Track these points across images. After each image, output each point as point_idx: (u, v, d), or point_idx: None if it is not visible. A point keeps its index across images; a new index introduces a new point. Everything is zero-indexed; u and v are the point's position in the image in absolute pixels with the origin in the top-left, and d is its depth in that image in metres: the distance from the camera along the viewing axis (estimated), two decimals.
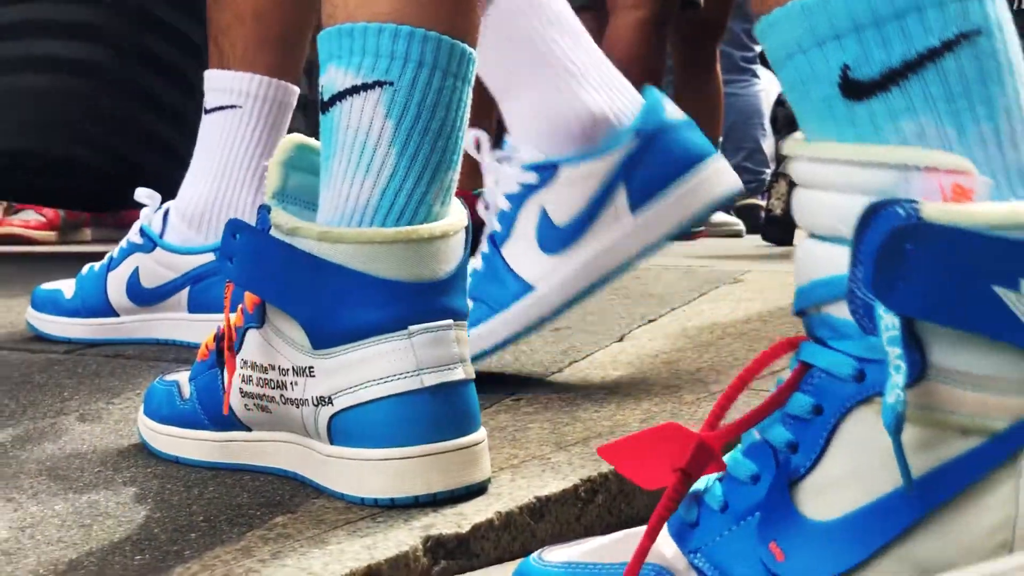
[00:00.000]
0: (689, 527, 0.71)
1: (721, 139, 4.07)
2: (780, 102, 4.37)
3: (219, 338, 1.05)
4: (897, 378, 0.61)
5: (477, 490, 0.97)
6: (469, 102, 0.98)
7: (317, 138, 1.01)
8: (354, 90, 0.95)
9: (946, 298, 0.61)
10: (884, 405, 0.62)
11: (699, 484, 0.72)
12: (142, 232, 1.55)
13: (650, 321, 1.56)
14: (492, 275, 1.32)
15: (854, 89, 0.65)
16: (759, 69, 4.68)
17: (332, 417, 0.96)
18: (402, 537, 0.90)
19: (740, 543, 0.68)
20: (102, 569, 0.86)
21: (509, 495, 0.98)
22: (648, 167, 1.26)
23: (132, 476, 1.05)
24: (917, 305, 0.62)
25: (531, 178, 1.28)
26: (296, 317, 0.96)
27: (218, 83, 1.57)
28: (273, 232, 0.96)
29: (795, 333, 1.44)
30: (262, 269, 0.97)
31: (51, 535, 0.93)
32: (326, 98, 0.96)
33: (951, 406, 0.63)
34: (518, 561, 0.95)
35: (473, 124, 1.21)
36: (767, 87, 5.57)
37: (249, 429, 1.03)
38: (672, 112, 1.29)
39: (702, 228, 3.72)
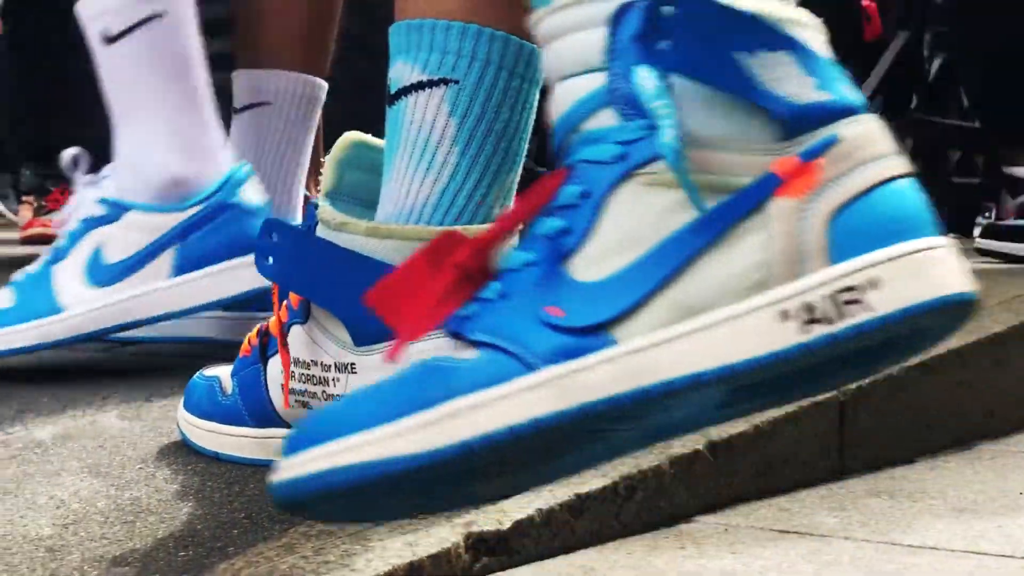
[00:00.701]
0: (467, 319, 0.74)
1: None
2: None
3: (262, 334, 1.05)
4: (667, 121, 0.69)
5: None
6: (536, 103, 0.98)
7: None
8: (419, 86, 0.95)
9: (699, 57, 0.70)
10: (663, 145, 0.69)
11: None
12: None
13: None
14: (35, 283, 1.42)
15: None
16: None
17: None
18: (444, 534, 0.90)
19: (518, 312, 0.72)
20: (146, 565, 0.87)
21: (549, 492, 0.98)
22: (202, 238, 1.37)
23: (173, 472, 1.06)
24: (677, 60, 0.71)
25: (101, 211, 1.38)
26: (338, 314, 0.96)
27: (247, 82, 1.57)
28: (320, 228, 0.97)
29: None
30: (303, 267, 0.97)
31: (94, 532, 0.93)
32: (393, 91, 0.96)
33: (704, 168, 0.71)
34: (558, 559, 0.96)
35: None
36: None
37: (290, 426, 1.03)
38: (249, 196, 1.40)
39: None
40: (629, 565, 0.96)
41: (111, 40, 1.39)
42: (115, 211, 1.40)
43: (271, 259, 0.98)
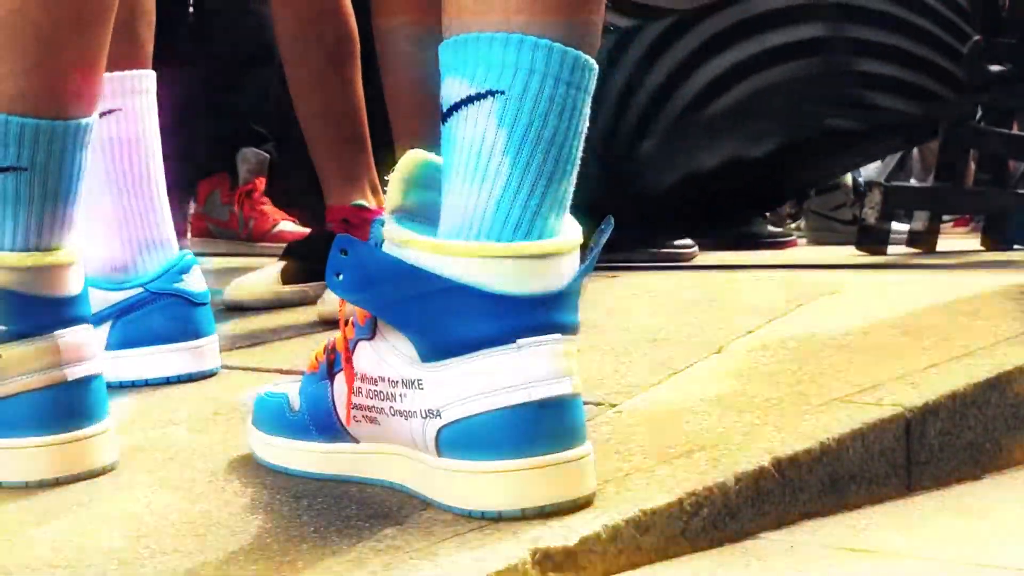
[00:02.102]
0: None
1: None
2: None
3: (329, 351, 1.06)
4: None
5: (582, 503, 0.98)
6: (587, 111, 0.98)
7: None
8: (468, 100, 0.95)
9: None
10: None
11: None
12: None
13: (748, 332, 1.55)
14: None
15: None
16: None
17: (440, 429, 0.96)
18: (511, 550, 0.90)
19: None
20: None
21: (615, 508, 0.98)
22: (138, 320, 1.47)
23: (243, 486, 1.07)
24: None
25: None
26: (405, 330, 0.97)
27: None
28: (386, 246, 0.97)
29: (894, 343, 1.42)
30: (371, 284, 0.98)
31: (166, 545, 0.95)
32: (445, 109, 0.97)
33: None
34: (624, 575, 0.96)
35: None
36: None
37: (357, 441, 1.04)
38: (191, 285, 1.48)
39: (793, 237, 3.69)
40: None
41: None
42: None
43: (341, 275, 0.99)
